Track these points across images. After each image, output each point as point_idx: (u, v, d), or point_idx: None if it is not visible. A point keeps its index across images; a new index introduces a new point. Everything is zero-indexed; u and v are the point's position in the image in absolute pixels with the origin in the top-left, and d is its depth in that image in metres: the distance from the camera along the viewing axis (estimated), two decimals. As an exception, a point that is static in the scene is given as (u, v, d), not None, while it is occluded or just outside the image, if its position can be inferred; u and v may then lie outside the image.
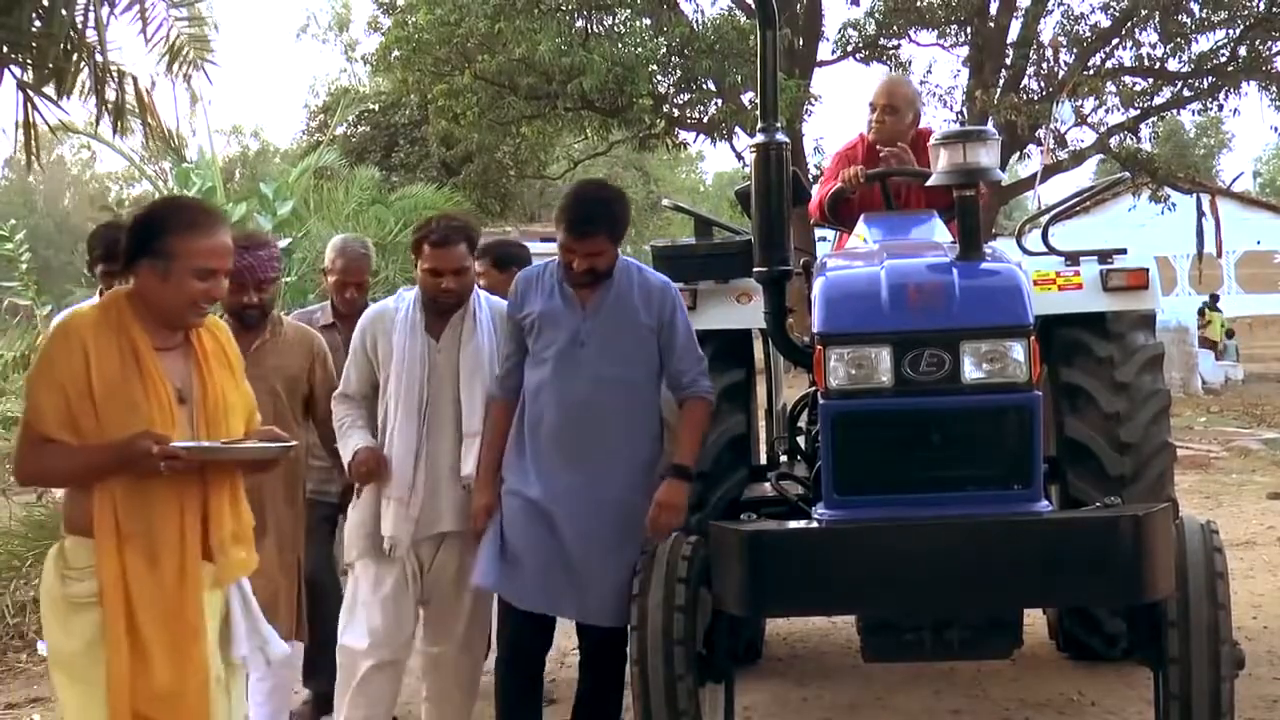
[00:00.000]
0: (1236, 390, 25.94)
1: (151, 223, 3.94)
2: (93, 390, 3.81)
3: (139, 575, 3.83)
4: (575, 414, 5.21)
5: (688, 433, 5.34)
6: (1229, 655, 4.89)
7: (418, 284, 5.50)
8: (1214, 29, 25.13)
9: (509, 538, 5.23)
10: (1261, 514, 12.12)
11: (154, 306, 3.92)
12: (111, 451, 3.80)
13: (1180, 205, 29.04)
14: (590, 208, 5.21)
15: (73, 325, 3.88)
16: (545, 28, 22.38)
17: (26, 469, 4.01)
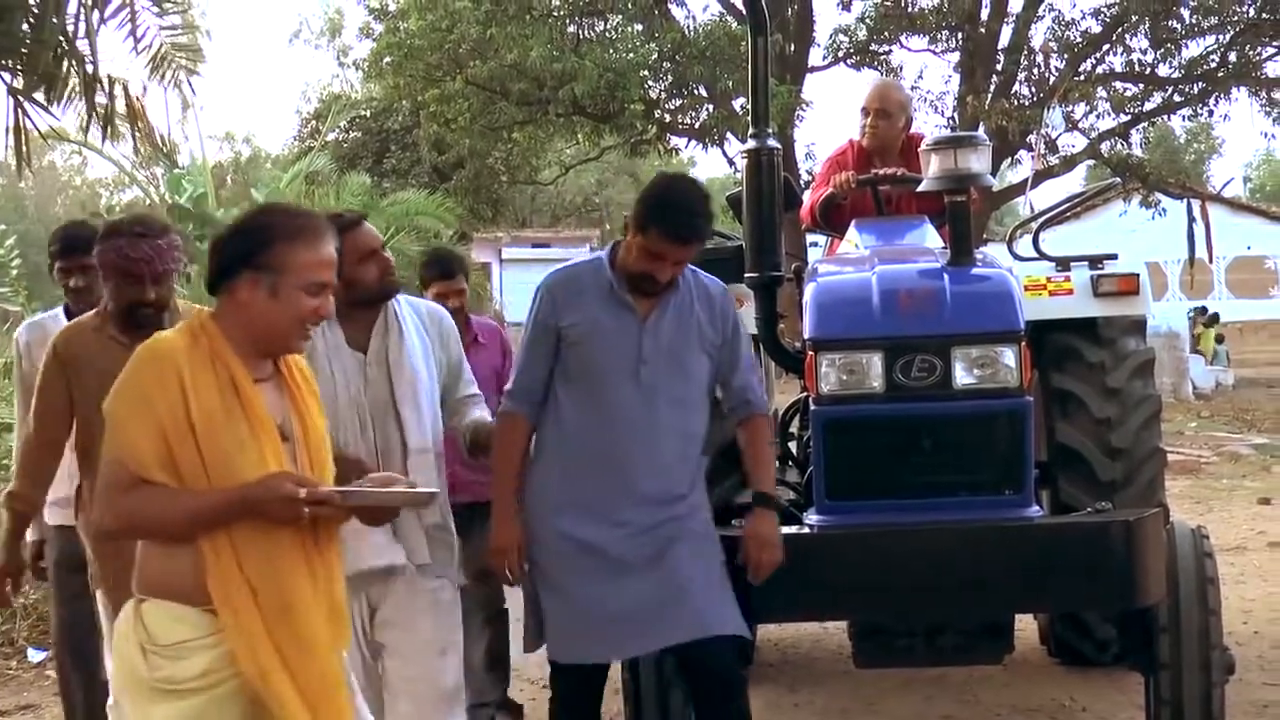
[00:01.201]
0: (1227, 395, 25.99)
1: (256, 231, 3.42)
2: (193, 426, 3.26)
3: (283, 640, 3.28)
4: (632, 439, 4.57)
5: (763, 454, 4.84)
6: (1220, 660, 4.92)
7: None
8: (1204, 35, 25.19)
9: (569, 589, 4.57)
10: (1252, 519, 12.14)
11: (256, 327, 3.40)
12: (236, 497, 3.24)
13: (1171, 211, 29.08)
14: (694, 210, 4.53)
15: (163, 351, 3.33)
16: (537, 33, 22.39)
17: (118, 514, 3.30)
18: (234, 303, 3.39)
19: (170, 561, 3.28)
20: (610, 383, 4.58)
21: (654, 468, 4.56)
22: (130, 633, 3.28)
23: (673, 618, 4.49)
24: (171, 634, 3.25)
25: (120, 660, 3.33)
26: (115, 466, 3.27)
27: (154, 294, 4.79)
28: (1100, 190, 8.37)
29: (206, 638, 3.25)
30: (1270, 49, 25.24)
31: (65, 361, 4.81)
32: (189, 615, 3.26)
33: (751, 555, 4.61)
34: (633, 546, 4.51)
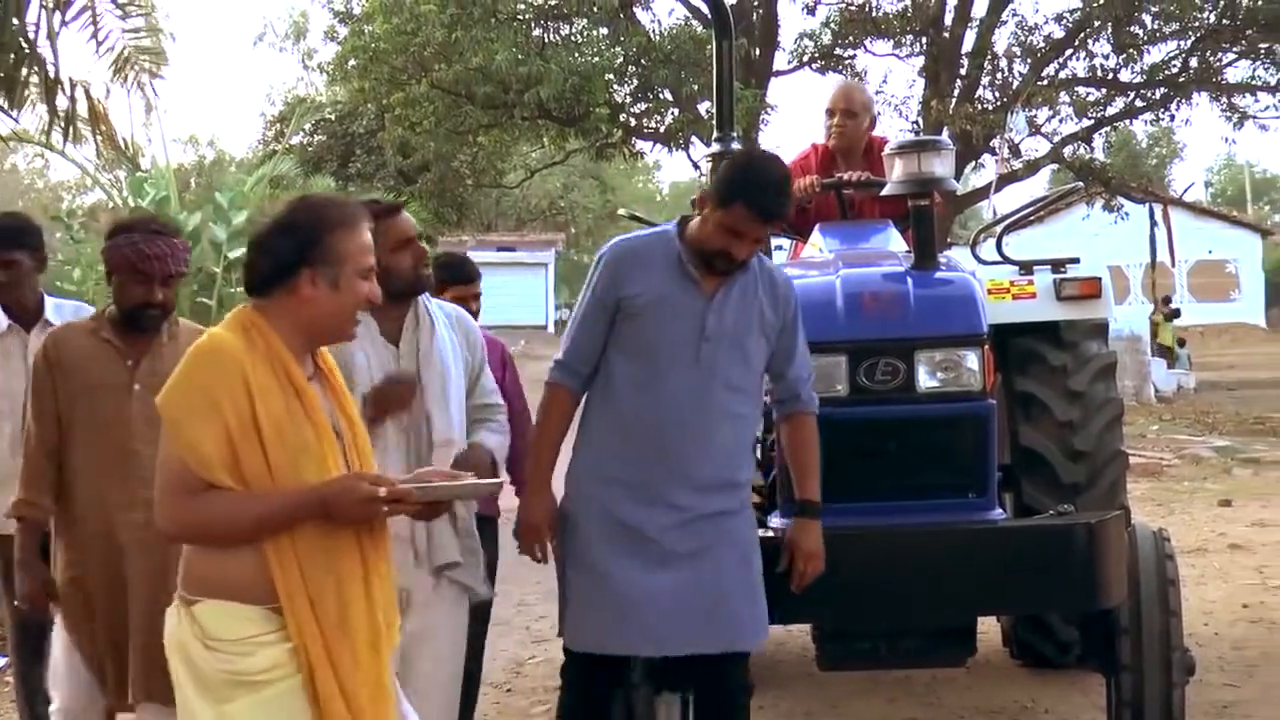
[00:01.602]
0: (1188, 398, 26.15)
1: (307, 227, 3.34)
2: (260, 428, 3.20)
3: (337, 646, 3.25)
4: (687, 419, 4.41)
5: (810, 457, 4.63)
6: (1180, 662, 4.96)
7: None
8: (1165, 40, 25.34)
9: (604, 571, 4.39)
10: (1213, 521, 12.22)
11: (318, 322, 3.35)
12: (309, 499, 3.21)
13: (1133, 215, 29.26)
14: (781, 189, 4.39)
15: (226, 350, 3.23)
16: (502, 37, 22.37)
17: (185, 520, 3.23)
18: (296, 300, 3.32)
19: (229, 562, 3.22)
20: (669, 359, 4.41)
21: (707, 452, 4.40)
22: (186, 633, 3.23)
23: (711, 623, 4.36)
24: (233, 630, 3.20)
25: (182, 662, 3.24)
26: (178, 470, 3.19)
27: (161, 295, 4.64)
28: (1063, 194, 8.40)
29: (270, 634, 3.22)
30: (1230, 55, 25.41)
31: (54, 364, 4.65)
32: (250, 613, 3.22)
33: (796, 565, 4.53)
34: (678, 536, 4.35)
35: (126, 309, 4.64)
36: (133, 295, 4.60)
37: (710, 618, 4.35)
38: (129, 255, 4.56)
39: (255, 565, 3.21)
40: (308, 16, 39.57)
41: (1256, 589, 9.28)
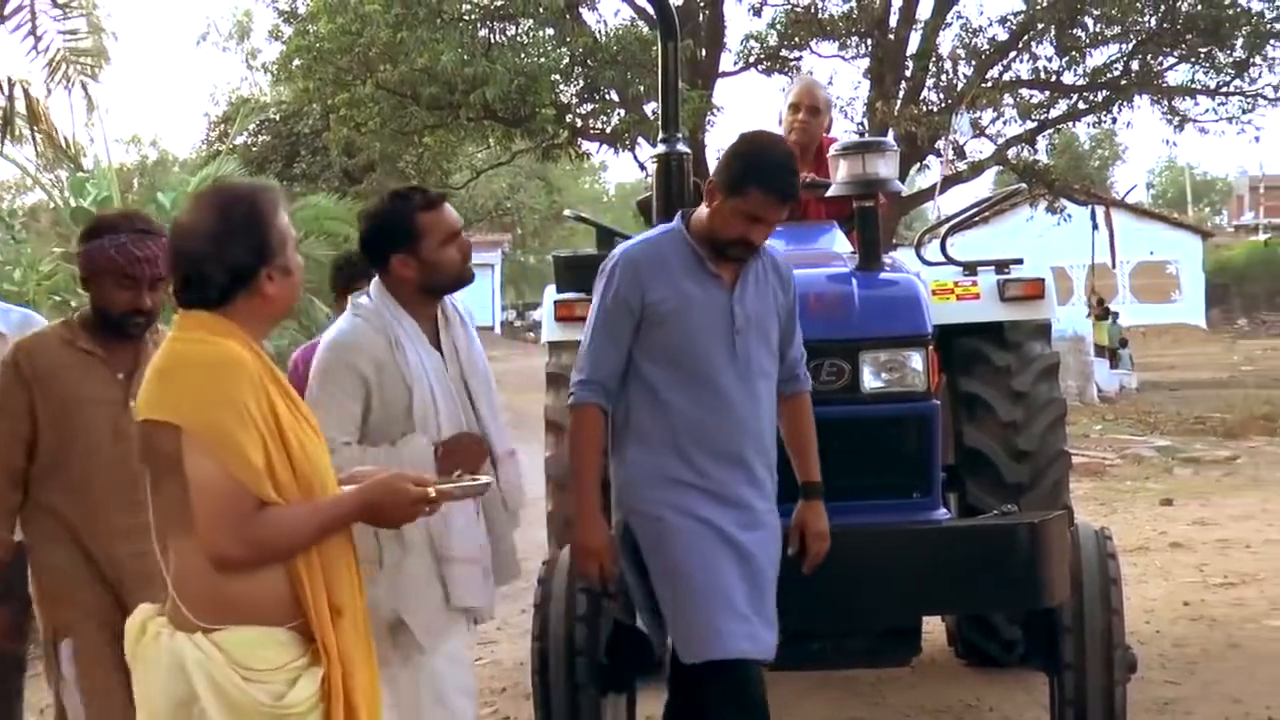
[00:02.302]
0: (1131, 398, 26.36)
1: (256, 220, 3.17)
2: (285, 439, 3.07)
3: (362, 663, 3.17)
4: (743, 416, 4.38)
5: (809, 436, 4.63)
6: (1122, 660, 5.00)
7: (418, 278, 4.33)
8: (1107, 43, 25.52)
9: (701, 574, 4.27)
10: (1154, 520, 12.33)
11: (278, 314, 3.28)
12: (356, 504, 3.13)
13: (1076, 216, 29.49)
14: (792, 168, 4.36)
15: (244, 361, 3.07)
16: (447, 37, 22.27)
17: (252, 541, 3.01)
18: (260, 301, 3.16)
19: (256, 582, 3.04)
20: (706, 358, 4.34)
21: (760, 445, 4.41)
22: (218, 665, 2.99)
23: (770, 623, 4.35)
24: (268, 659, 3.03)
25: (215, 697, 2.98)
26: (231, 489, 2.98)
27: (149, 301, 4.35)
28: (1006, 195, 8.48)
29: (300, 659, 3.08)
30: (1171, 58, 25.63)
31: (29, 378, 4.31)
32: (280, 636, 3.07)
33: (809, 548, 4.51)
34: (750, 536, 4.33)
35: (114, 315, 4.34)
36: (118, 301, 4.31)
37: (770, 618, 4.35)
38: (116, 257, 4.26)
39: (281, 583, 3.07)
40: (251, 16, 39.36)
41: (1197, 587, 9.37)
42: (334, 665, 3.08)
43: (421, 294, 4.32)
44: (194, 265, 3.13)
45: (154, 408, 3.05)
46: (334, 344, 4.31)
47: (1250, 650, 7.65)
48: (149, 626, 3.12)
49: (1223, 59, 25.03)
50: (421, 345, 4.29)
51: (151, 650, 3.08)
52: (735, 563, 4.28)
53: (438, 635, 4.19)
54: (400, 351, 4.21)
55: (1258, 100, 25.51)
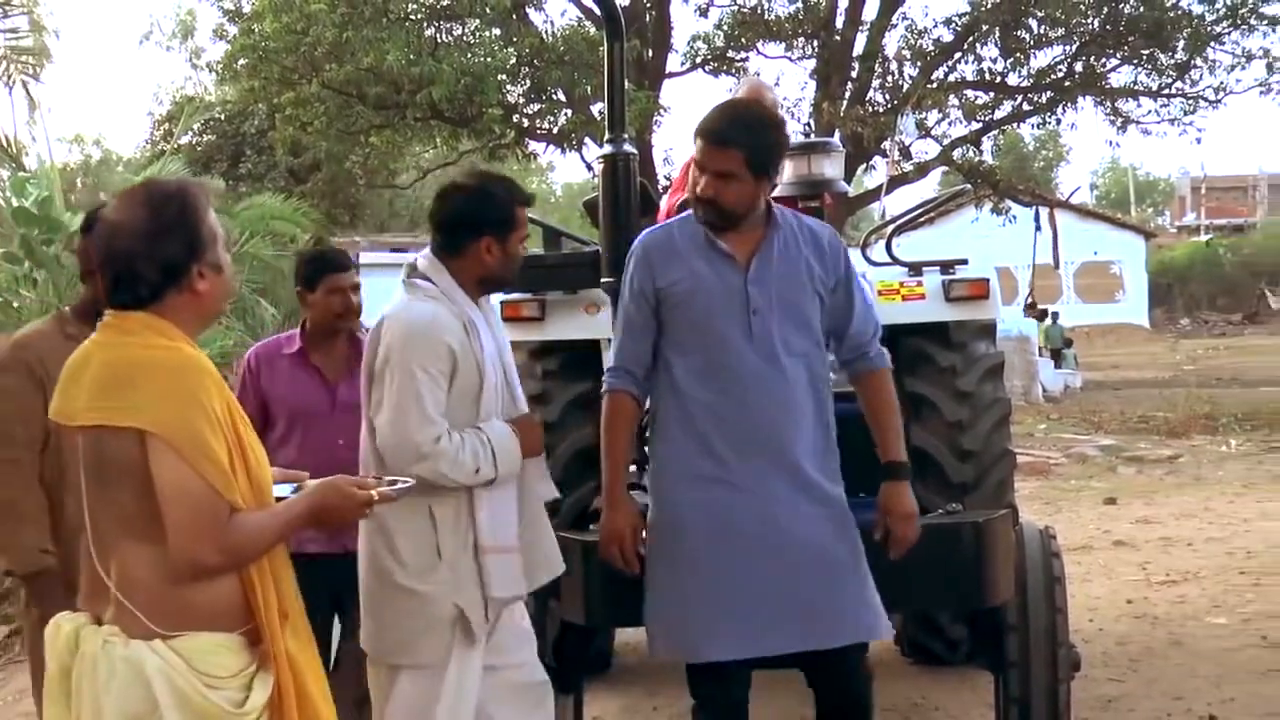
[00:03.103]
0: (1075, 398, 26.56)
1: (188, 217, 3.14)
2: (243, 444, 3.08)
3: (308, 665, 3.18)
4: (761, 399, 4.29)
5: (889, 416, 4.47)
6: (1066, 658, 5.02)
7: (495, 267, 4.35)
8: (1051, 45, 25.76)
9: (709, 572, 4.26)
10: (1098, 519, 12.43)
11: (211, 312, 3.25)
12: (305, 508, 3.16)
13: (1021, 217, 29.69)
14: (730, 116, 4.33)
15: (205, 365, 3.07)
16: (393, 37, 22.20)
17: (229, 547, 3.01)
18: (191, 298, 3.13)
19: (212, 589, 3.03)
20: (723, 341, 4.29)
21: (793, 430, 4.29)
22: (179, 672, 2.97)
23: (813, 620, 4.27)
24: (227, 665, 3.04)
25: (177, 702, 2.96)
26: (205, 495, 2.96)
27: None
28: (952, 196, 8.53)
29: (252, 665, 3.08)
30: (1114, 60, 25.88)
31: (41, 379, 4.22)
32: (234, 642, 3.07)
33: (894, 531, 4.36)
34: (784, 530, 4.25)
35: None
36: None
37: (810, 615, 4.26)
38: None
39: (236, 589, 3.07)
40: (195, 15, 39.04)
41: (1140, 585, 9.45)
42: (284, 670, 3.08)
43: (481, 284, 4.34)
44: (125, 263, 3.09)
45: (110, 413, 3.00)
46: (419, 323, 4.20)
47: (1191, 647, 7.73)
48: (85, 635, 3.07)
49: (1164, 61, 25.33)
50: (487, 332, 4.31)
51: (101, 660, 3.01)
52: (748, 560, 4.24)
53: (482, 627, 4.19)
54: (475, 337, 4.22)
55: (1199, 102, 25.84)
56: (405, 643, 4.18)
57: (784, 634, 4.26)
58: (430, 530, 4.13)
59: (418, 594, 4.13)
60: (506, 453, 4.20)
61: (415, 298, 4.27)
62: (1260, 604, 8.76)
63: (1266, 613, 8.49)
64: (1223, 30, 24.98)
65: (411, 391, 4.08)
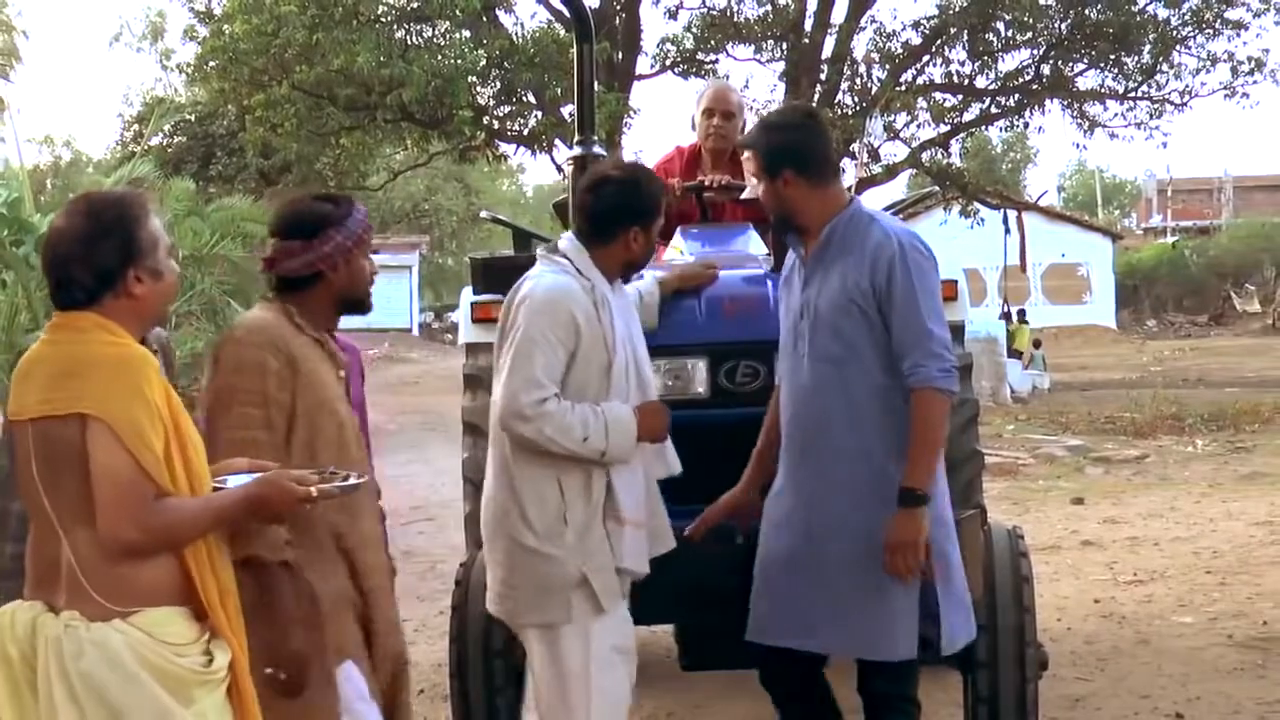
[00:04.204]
0: (1043, 399, 26.66)
1: (122, 223, 3.31)
2: (180, 432, 3.25)
3: (240, 643, 3.35)
4: (800, 406, 4.46)
5: (914, 439, 4.31)
6: (1034, 657, 5.05)
7: (636, 254, 4.58)
8: (1019, 48, 25.86)
9: (761, 566, 4.57)
10: (1066, 519, 12.48)
11: (150, 314, 3.41)
12: (242, 499, 3.31)
13: (989, 219, 29.81)
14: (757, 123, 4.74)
15: (148, 360, 3.26)
16: (364, 39, 22.15)
17: (151, 526, 3.18)
18: (128, 301, 3.30)
19: (154, 569, 3.22)
20: (783, 346, 4.60)
21: (820, 437, 4.42)
22: (145, 645, 3.16)
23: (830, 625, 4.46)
24: (185, 634, 3.24)
25: (151, 670, 3.15)
26: (134, 477, 3.14)
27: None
28: (920, 198, 8.57)
29: (205, 634, 3.27)
30: (1081, 64, 26.00)
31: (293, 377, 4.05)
32: (182, 614, 3.25)
33: (886, 562, 4.32)
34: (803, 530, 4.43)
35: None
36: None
37: (833, 618, 4.42)
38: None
39: (170, 568, 3.24)
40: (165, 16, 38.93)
41: (1107, 585, 9.51)
42: (232, 640, 3.30)
43: (623, 270, 4.57)
44: (63, 268, 3.29)
45: (56, 404, 3.17)
46: (550, 290, 4.37)
47: (1158, 646, 7.78)
48: (43, 621, 3.19)
49: (1131, 65, 25.47)
50: (620, 314, 4.47)
51: (66, 641, 3.14)
52: (790, 560, 4.46)
53: (613, 597, 4.36)
54: (606, 313, 4.37)
55: (1165, 105, 25.98)
56: (531, 603, 4.36)
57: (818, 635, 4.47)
58: (558, 498, 4.31)
59: (543, 556, 4.31)
60: (620, 431, 4.32)
61: (549, 269, 4.47)
62: (1226, 603, 8.82)
63: (1232, 611, 8.55)
64: (1188, 34, 25.14)
65: (525, 354, 4.26)
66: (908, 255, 4.37)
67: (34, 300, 11.16)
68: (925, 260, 4.42)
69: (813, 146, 4.54)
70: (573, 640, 4.32)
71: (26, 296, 11.28)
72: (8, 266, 11.09)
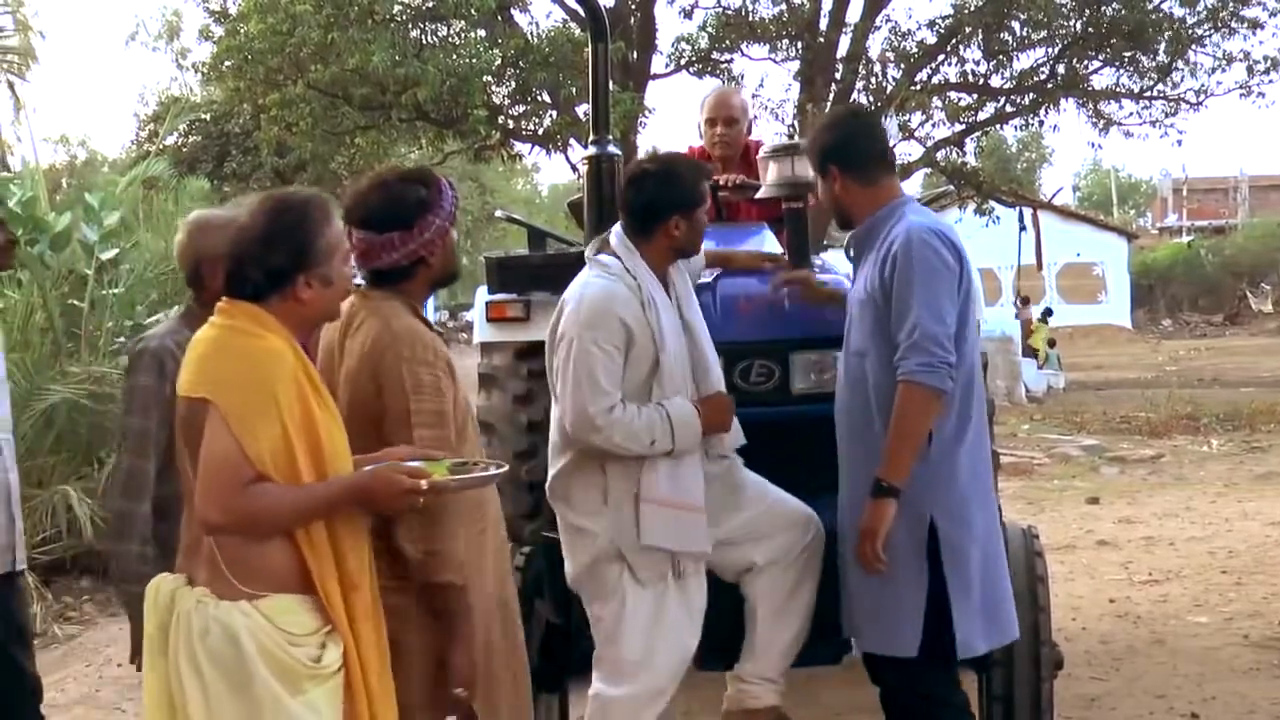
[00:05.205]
0: (1058, 398, 26.60)
1: (300, 231, 3.47)
2: (316, 427, 3.38)
3: (369, 637, 3.45)
4: (839, 399, 4.65)
5: (890, 430, 4.37)
6: (1049, 657, 5.04)
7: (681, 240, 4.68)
8: (1034, 47, 25.76)
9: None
10: (1081, 518, 12.46)
11: (316, 317, 3.59)
12: (348, 489, 3.39)
13: (1004, 218, 29.71)
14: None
15: (283, 352, 3.38)
16: (379, 38, 22.14)
17: (236, 509, 3.30)
18: (294, 304, 3.45)
19: (277, 555, 3.35)
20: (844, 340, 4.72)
21: (848, 423, 4.62)
22: (263, 630, 3.29)
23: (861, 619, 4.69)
24: (303, 625, 3.35)
25: (263, 655, 3.28)
26: (233, 461, 3.28)
27: None
28: (935, 197, 8.55)
29: (326, 626, 3.38)
30: (1096, 62, 25.90)
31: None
32: (305, 603, 3.37)
33: (858, 549, 4.44)
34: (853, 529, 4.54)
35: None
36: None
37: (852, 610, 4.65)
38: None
39: (293, 556, 3.36)
40: (181, 16, 38.98)
41: (1122, 584, 9.50)
42: (347, 636, 3.38)
43: (671, 256, 4.68)
44: (238, 263, 3.47)
45: (194, 386, 3.38)
46: (594, 299, 4.51)
47: (1174, 646, 7.77)
48: (180, 595, 3.37)
49: (1146, 63, 25.34)
50: (667, 308, 4.59)
51: (195, 618, 3.32)
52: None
53: (651, 573, 4.51)
54: (653, 312, 4.48)
55: (1180, 104, 25.84)
56: (580, 575, 4.63)
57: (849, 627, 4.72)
58: (600, 477, 4.50)
59: (584, 531, 4.56)
60: (685, 426, 4.48)
61: (595, 274, 4.58)
62: (1242, 603, 8.81)
63: (1248, 611, 8.54)
64: (1204, 33, 25.00)
65: (585, 366, 4.38)
66: (913, 248, 4.39)
67: (49, 299, 11.16)
68: (934, 254, 4.40)
69: (857, 144, 4.65)
70: (624, 611, 4.53)
71: (42, 295, 11.27)
72: (23, 265, 11.08)
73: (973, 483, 4.50)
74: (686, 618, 4.61)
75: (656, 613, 4.54)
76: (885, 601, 4.46)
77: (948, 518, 4.41)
